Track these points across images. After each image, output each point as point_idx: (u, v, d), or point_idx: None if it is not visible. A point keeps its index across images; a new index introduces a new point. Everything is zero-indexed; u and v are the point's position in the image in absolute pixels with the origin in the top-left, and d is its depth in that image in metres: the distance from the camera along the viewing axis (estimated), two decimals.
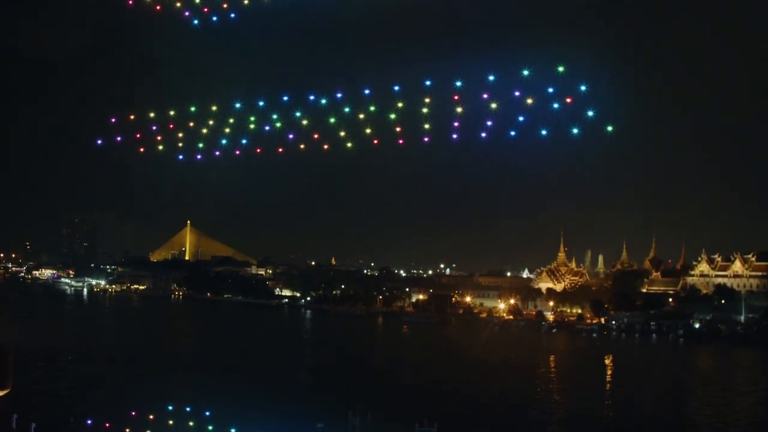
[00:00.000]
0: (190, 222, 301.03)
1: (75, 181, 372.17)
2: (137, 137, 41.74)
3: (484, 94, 33.00)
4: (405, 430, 41.27)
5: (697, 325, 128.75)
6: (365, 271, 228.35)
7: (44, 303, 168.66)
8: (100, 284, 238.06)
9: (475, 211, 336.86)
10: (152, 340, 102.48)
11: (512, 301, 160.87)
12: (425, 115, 35.17)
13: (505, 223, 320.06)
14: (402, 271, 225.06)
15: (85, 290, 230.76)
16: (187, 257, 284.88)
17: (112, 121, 42.82)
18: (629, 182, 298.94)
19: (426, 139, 35.61)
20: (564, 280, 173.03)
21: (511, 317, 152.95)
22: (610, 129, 30.70)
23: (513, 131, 32.83)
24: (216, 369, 76.70)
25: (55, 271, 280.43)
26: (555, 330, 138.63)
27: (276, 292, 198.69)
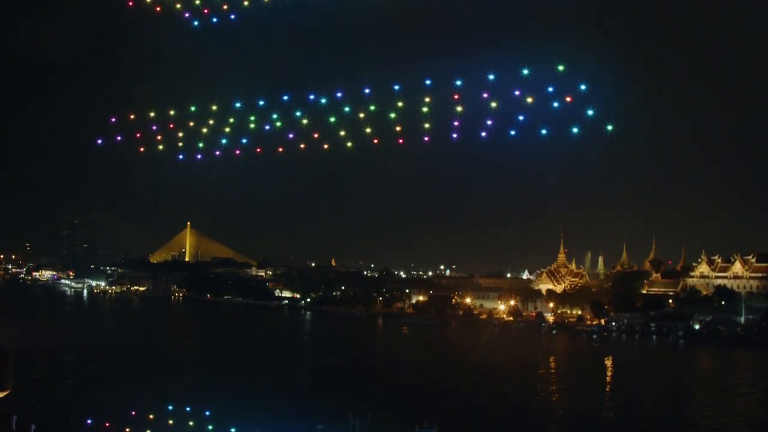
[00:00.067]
0: (190, 223, 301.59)
1: (75, 181, 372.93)
2: (137, 137, 41.78)
3: (484, 94, 33.04)
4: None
5: (697, 327, 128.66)
6: (365, 273, 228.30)
7: (44, 304, 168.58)
8: (100, 285, 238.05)
9: (475, 211, 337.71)
10: (152, 341, 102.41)
11: (512, 303, 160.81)
12: (425, 114, 35.19)
13: (505, 224, 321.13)
14: (402, 273, 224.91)
15: (85, 291, 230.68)
16: (187, 258, 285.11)
17: (112, 120, 42.87)
18: (629, 182, 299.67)
19: (426, 138, 35.63)
20: (564, 282, 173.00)
21: (511, 318, 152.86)
22: (610, 128, 30.73)
23: (513, 131, 32.85)
24: (216, 370, 76.68)
25: (55, 273, 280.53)
26: (555, 331, 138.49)
27: (276, 294, 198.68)
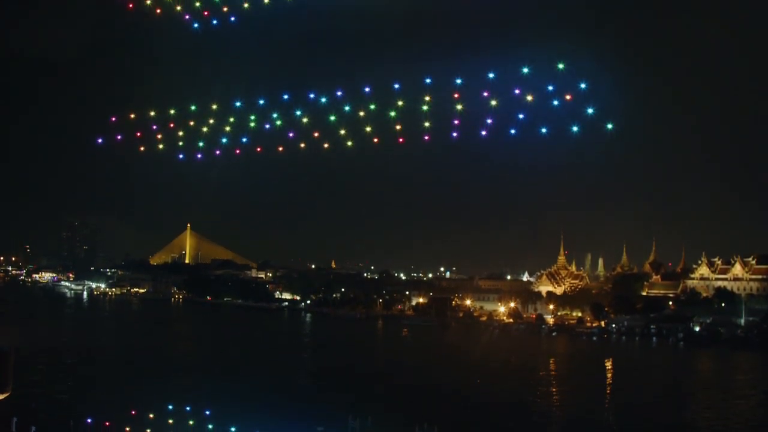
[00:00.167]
0: (190, 225, 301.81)
1: (75, 181, 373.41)
2: (137, 136, 41.76)
3: (484, 92, 33.02)
4: None
5: (698, 329, 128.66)
6: (365, 275, 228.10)
7: (44, 306, 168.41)
8: (100, 287, 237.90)
9: (475, 212, 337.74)
10: (152, 343, 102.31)
11: (512, 305, 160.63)
12: (425, 113, 35.17)
13: (505, 224, 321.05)
14: (402, 275, 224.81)
15: (85, 293, 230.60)
16: (187, 260, 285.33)
17: (112, 120, 42.84)
18: (629, 182, 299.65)
19: (426, 137, 35.60)
20: (564, 284, 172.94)
21: (511, 320, 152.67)
22: (610, 126, 30.70)
23: (513, 129, 32.83)
24: (216, 371, 76.61)
25: (55, 275, 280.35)
26: (555, 333, 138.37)
27: (276, 296, 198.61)
